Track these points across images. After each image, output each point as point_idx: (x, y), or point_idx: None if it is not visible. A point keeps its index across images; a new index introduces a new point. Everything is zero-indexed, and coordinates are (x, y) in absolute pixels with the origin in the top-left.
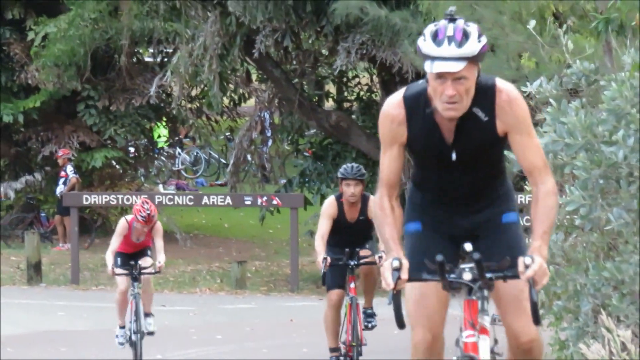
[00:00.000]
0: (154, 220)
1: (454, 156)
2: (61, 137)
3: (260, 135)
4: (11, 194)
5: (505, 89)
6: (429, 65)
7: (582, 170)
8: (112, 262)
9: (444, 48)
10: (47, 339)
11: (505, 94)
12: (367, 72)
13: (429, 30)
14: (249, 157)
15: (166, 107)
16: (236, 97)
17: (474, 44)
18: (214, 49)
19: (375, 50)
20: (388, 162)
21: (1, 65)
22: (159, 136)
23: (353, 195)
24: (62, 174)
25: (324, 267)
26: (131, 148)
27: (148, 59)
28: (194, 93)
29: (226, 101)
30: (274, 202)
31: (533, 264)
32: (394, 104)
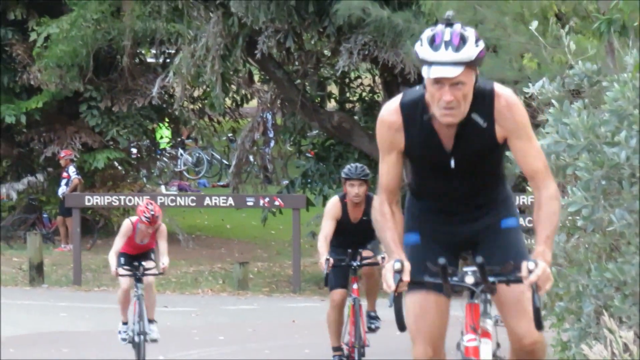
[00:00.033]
0: (158, 221)
1: (452, 163)
2: (63, 138)
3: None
4: (13, 195)
5: (503, 94)
6: (426, 71)
7: (585, 171)
8: (116, 262)
9: (441, 53)
10: (49, 340)
11: (504, 99)
12: (370, 73)
13: (426, 35)
14: (251, 158)
15: (168, 108)
16: (238, 98)
17: (472, 49)
18: (216, 50)
19: (377, 51)
20: (387, 169)
21: (3, 66)
22: (161, 137)
23: (357, 196)
24: (65, 175)
25: (327, 268)
26: (133, 149)
27: (150, 59)
28: (196, 94)
29: (228, 102)
30: (276, 203)
31: (536, 268)
32: (391, 110)
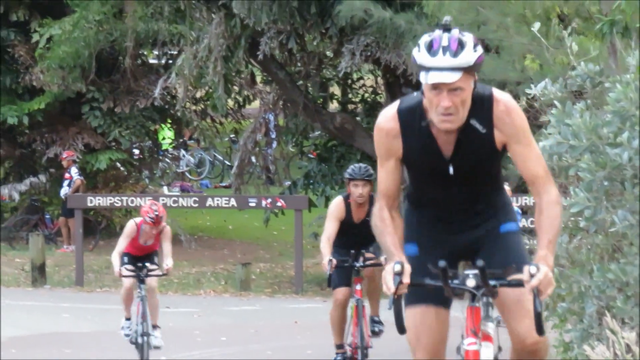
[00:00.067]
0: (162, 222)
1: (451, 170)
2: (66, 139)
3: (264, 137)
4: (16, 196)
5: (502, 99)
6: (423, 76)
7: (587, 172)
8: (119, 263)
9: (439, 58)
10: (51, 341)
11: (503, 104)
12: (372, 74)
13: (423, 40)
14: (253, 159)
15: (171, 109)
16: (241, 99)
17: (470, 54)
18: (218, 51)
19: (379, 52)
20: (386, 176)
21: (6, 67)
22: (164, 138)
23: (361, 196)
24: (67, 175)
25: (330, 269)
26: (136, 150)
27: (152, 60)
28: (198, 95)
29: (231, 103)
30: (279, 204)
31: (538, 273)
32: (388, 117)
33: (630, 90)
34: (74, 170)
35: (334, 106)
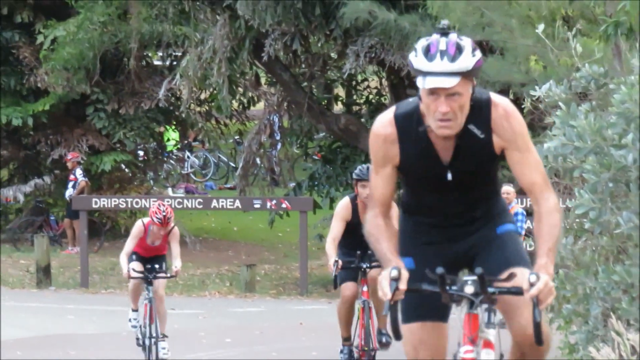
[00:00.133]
0: (170, 223)
1: (449, 176)
2: (70, 140)
3: (269, 139)
4: (20, 198)
5: (501, 104)
6: (421, 81)
7: (592, 173)
8: (127, 264)
9: (437, 63)
10: (56, 343)
11: (502, 108)
12: (376, 76)
13: (420, 44)
14: (258, 161)
15: (175, 110)
16: (245, 101)
17: (468, 59)
18: (223, 52)
19: (384, 53)
20: (382, 183)
21: (10, 68)
22: (168, 139)
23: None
24: (72, 177)
25: (335, 270)
26: (140, 151)
27: (157, 62)
28: (203, 96)
29: (235, 104)
30: (283, 205)
31: (538, 282)
32: (385, 122)
33: (635, 92)
34: (78, 172)
35: (338, 108)
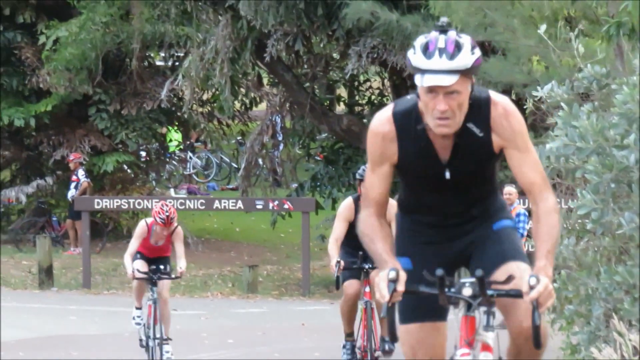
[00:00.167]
0: (173, 223)
1: (447, 175)
2: (72, 141)
3: (271, 140)
4: (23, 198)
5: (500, 102)
6: (419, 79)
7: (594, 174)
8: (132, 265)
9: (435, 60)
10: (58, 343)
11: (501, 107)
12: (379, 76)
13: (419, 42)
14: (260, 161)
15: (177, 111)
16: (247, 101)
17: (467, 56)
18: (225, 53)
19: (386, 54)
20: (378, 182)
21: (12, 69)
22: (171, 140)
23: None
24: (74, 178)
25: (337, 271)
26: (142, 152)
27: (159, 62)
28: (205, 97)
29: (237, 105)
30: (286, 206)
31: (538, 284)
32: (383, 120)
33: (637, 92)
34: (80, 173)
35: (340, 108)
